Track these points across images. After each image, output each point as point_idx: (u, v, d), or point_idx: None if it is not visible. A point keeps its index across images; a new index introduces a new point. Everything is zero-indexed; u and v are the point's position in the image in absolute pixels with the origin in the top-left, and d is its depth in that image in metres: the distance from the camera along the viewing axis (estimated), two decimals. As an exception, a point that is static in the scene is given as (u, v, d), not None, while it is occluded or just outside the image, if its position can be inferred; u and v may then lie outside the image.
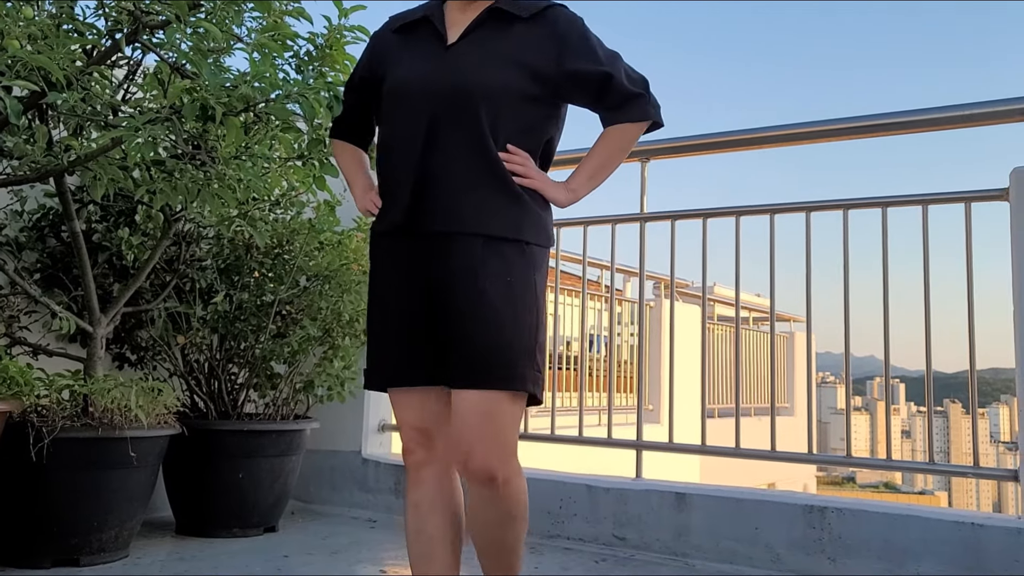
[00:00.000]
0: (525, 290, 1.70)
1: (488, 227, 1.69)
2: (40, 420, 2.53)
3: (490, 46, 1.77)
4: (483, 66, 1.74)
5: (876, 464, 3.00)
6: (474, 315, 1.66)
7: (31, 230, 3.14)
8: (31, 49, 2.27)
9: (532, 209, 1.75)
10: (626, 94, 1.78)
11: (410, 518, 1.81)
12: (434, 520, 1.79)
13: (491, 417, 1.67)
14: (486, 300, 1.66)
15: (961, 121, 2.79)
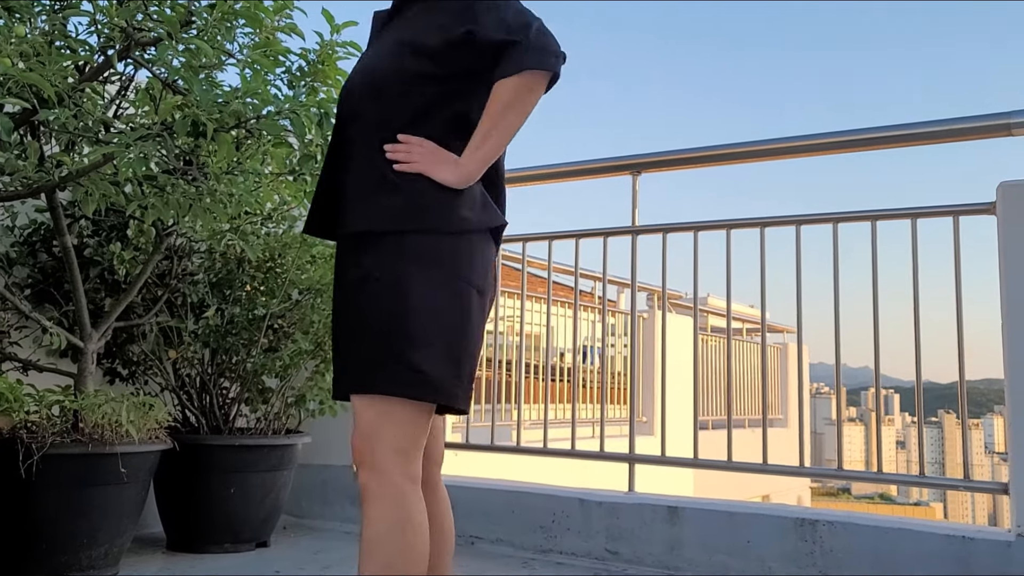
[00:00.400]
0: (393, 282, 1.56)
1: (362, 223, 1.62)
2: (30, 436, 2.52)
3: (389, 35, 1.75)
4: (376, 57, 1.72)
5: (868, 477, 3.01)
6: (336, 319, 1.65)
7: (22, 245, 3.14)
8: (23, 66, 2.28)
9: (413, 196, 1.60)
10: (496, 44, 1.60)
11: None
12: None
13: (357, 425, 1.57)
14: (342, 301, 1.64)
15: (948, 136, 2.81)
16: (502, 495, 3.25)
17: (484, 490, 3.27)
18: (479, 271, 1.63)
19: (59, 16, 2.55)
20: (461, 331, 1.58)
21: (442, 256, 1.59)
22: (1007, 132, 2.67)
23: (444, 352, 1.56)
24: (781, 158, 3.23)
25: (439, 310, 1.56)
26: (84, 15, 2.56)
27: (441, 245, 1.59)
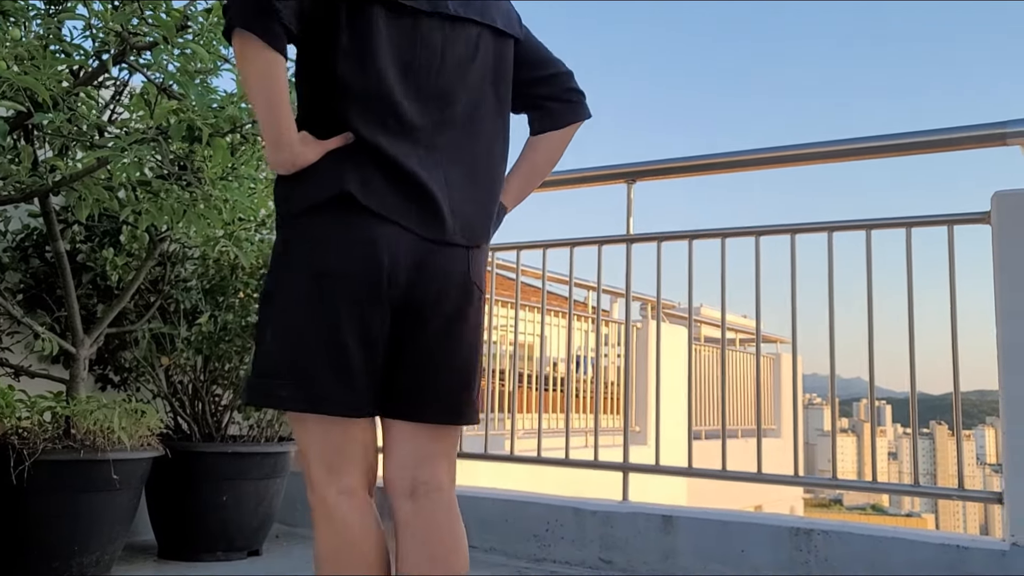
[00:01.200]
0: (267, 279, 1.53)
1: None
2: (21, 442, 2.50)
3: None
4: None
5: (862, 486, 3.01)
6: None
7: (15, 250, 3.13)
8: (18, 70, 2.27)
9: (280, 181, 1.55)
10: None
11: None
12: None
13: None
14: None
15: (943, 145, 2.82)
16: (496, 504, 3.24)
17: (478, 498, 3.25)
18: (316, 254, 1.47)
19: (54, 20, 2.54)
20: (293, 328, 1.47)
21: (275, 250, 1.54)
22: (1002, 142, 2.68)
23: (278, 357, 1.48)
24: (775, 167, 3.23)
25: (268, 312, 1.51)
26: (79, 19, 2.56)
27: (277, 239, 1.54)
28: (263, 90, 1.45)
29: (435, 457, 1.61)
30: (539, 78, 1.73)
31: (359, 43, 1.49)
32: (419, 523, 1.57)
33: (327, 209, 1.47)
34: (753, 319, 3.18)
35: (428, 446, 1.60)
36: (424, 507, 1.58)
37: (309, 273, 1.47)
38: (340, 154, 1.49)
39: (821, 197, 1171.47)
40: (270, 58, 1.42)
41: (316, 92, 1.54)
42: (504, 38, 1.66)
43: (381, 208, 1.46)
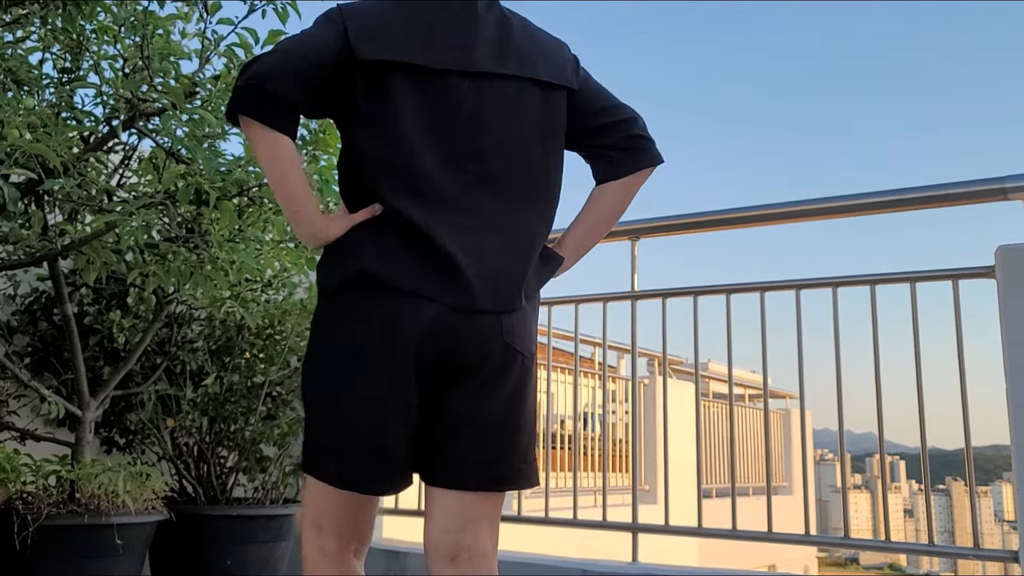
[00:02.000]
0: (309, 350, 1.61)
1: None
2: (25, 507, 2.48)
3: None
4: None
5: (876, 546, 2.95)
6: None
7: (23, 313, 3.15)
8: (30, 137, 2.32)
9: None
10: None
11: None
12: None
13: None
14: None
15: (943, 200, 2.83)
16: (502, 566, 3.16)
17: (485, 560, 3.20)
18: (345, 332, 1.51)
19: (66, 88, 2.61)
20: (324, 405, 1.52)
21: (313, 323, 1.59)
22: (1003, 196, 2.69)
23: (314, 429, 1.54)
24: (779, 223, 3.25)
25: (312, 386, 1.55)
26: (91, 87, 2.62)
27: (316, 311, 1.59)
28: (272, 170, 1.49)
29: (477, 522, 1.58)
30: (601, 127, 1.69)
31: (380, 112, 1.50)
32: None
33: (353, 286, 1.49)
34: (760, 374, 3.17)
35: (470, 510, 1.58)
36: (465, 572, 1.56)
37: (342, 351, 1.50)
38: (366, 227, 1.51)
39: (825, 251, 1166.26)
40: (272, 139, 1.46)
41: (346, 164, 1.57)
42: (553, 89, 1.62)
43: (402, 283, 1.47)
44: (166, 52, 2.59)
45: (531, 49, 1.62)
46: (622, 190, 1.71)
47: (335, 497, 1.54)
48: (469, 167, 1.54)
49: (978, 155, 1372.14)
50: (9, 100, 2.40)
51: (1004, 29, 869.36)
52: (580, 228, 1.76)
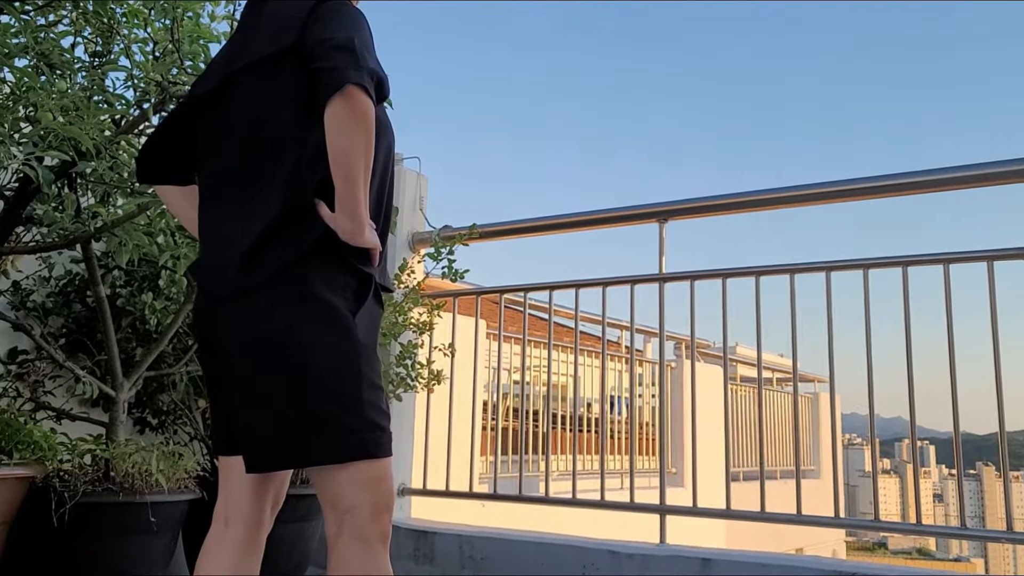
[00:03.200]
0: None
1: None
2: (62, 485, 2.53)
3: None
4: None
5: (905, 529, 2.93)
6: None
7: (57, 295, 3.20)
8: (63, 120, 2.34)
9: None
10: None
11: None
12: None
13: None
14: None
15: (977, 180, 2.78)
16: (531, 546, 3.20)
17: (513, 541, 3.22)
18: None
19: (98, 72, 2.62)
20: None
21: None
22: (1038, 177, 2.65)
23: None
24: (808, 204, 3.21)
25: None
26: (122, 70, 2.64)
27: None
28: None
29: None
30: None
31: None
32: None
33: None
34: (789, 357, 3.15)
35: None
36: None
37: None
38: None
39: (856, 232, 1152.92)
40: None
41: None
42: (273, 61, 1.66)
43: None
44: (195, 35, 2.60)
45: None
46: (328, 128, 1.52)
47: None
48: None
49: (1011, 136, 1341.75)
50: (43, 84, 2.42)
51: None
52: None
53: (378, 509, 1.56)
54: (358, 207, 1.53)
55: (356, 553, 1.52)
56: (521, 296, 3.79)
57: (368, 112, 1.50)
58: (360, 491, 1.54)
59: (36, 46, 2.47)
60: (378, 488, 1.56)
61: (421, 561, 3.44)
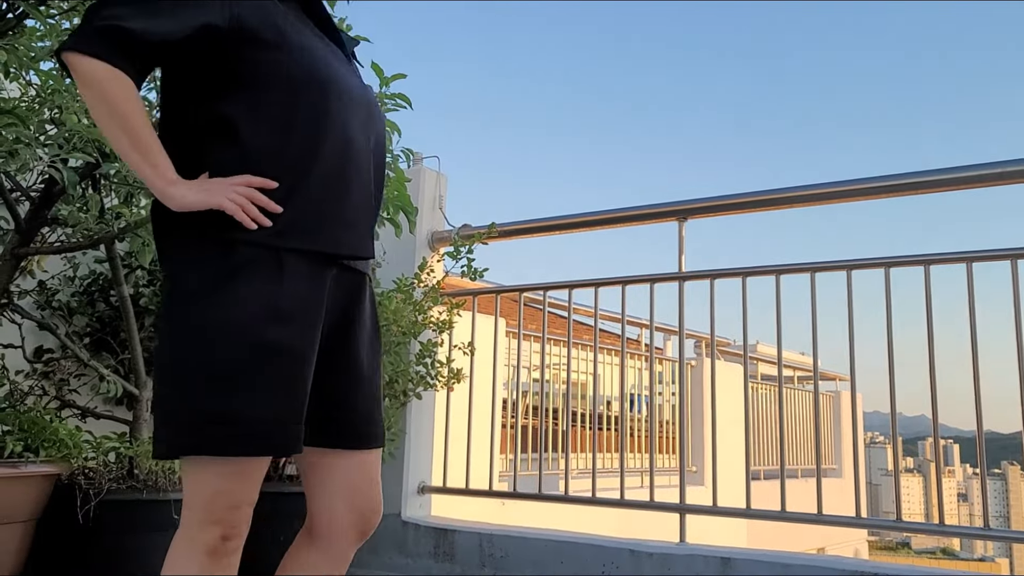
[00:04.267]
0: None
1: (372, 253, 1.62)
2: (87, 482, 2.57)
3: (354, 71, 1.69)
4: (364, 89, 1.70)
5: (928, 529, 2.91)
6: (373, 367, 1.63)
7: (82, 295, 3.24)
8: (87, 123, 2.37)
9: None
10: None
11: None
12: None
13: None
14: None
15: (1001, 179, 2.76)
16: (551, 544, 3.21)
17: (532, 539, 3.23)
18: None
19: (121, 74, 2.65)
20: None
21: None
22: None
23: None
24: (828, 203, 3.20)
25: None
26: (145, 73, 2.67)
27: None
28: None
29: None
30: None
31: None
32: None
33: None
34: (810, 356, 3.13)
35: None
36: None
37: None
38: None
39: (877, 231, 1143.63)
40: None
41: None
42: None
43: None
44: (217, 37, 2.63)
45: None
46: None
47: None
48: None
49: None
50: (67, 86, 2.45)
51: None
52: None
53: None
54: (139, 169, 1.38)
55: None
56: (540, 295, 3.79)
57: (87, 75, 1.35)
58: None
59: (61, 49, 2.50)
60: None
61: (441, 559, 3.45)
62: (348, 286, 1.57)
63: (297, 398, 1.42)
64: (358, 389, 1.58)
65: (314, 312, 1.45)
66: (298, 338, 1.41)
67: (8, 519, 2.38)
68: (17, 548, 2.44)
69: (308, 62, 1.49)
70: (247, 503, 1.48)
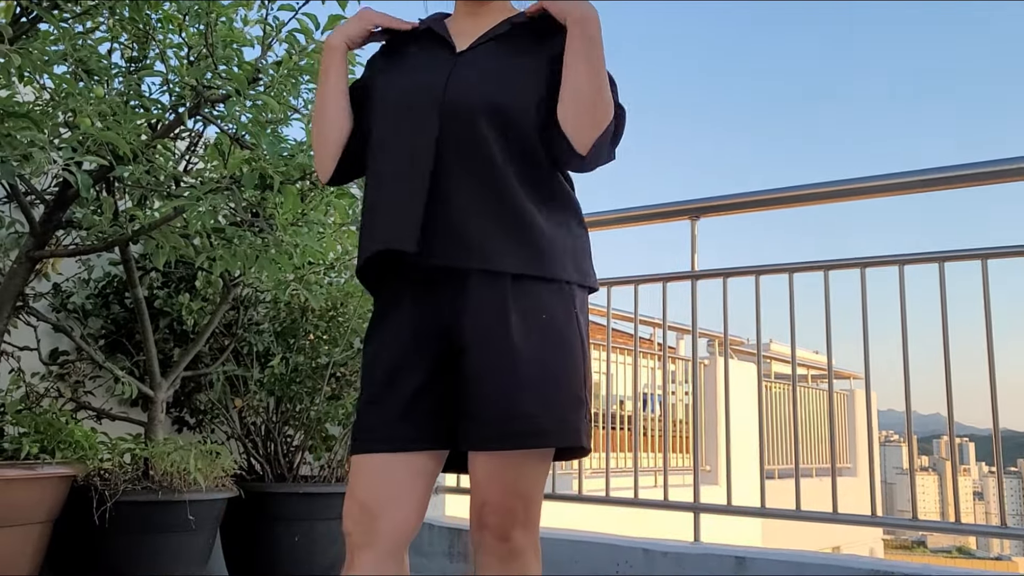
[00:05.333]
0: (569, 331, 1.54)
1: (533, 267, 1.50)
2: (103, 484, 2.58)
3: (509, 56, 1.59)
4: (501, 79, 1.56)
5: (944, 528, 2.90)
6: (528, 360, 1.47)
7: (96, 297, 3.25)
8: (101, 126, 2.38)
9: (577, 255, 1.59)
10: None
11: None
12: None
13: (510, 482, 1.53)
14: (540, 341, 1.49)
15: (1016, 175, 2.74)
16: (564, 544, 3.20)
17: (546, 539, 3.21)
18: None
19: (134, 77, 2.67)
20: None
21: (586, 311, 1.65)
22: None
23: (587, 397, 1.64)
24: (841, 200, 3.18)
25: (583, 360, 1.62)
26: (157, 75, 2.68)
27: (586, 300, 1.65)
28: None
29: None
30: None
31: None
32: None
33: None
34: (824, 354, 3.11)
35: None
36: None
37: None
38: None
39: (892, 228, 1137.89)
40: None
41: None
42: None
43: None
44: (229, 40, 2.64)
45: None
46: None
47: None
48: None
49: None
50: (81, 89, 2.47)
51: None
52: None
53: None
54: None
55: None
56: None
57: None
58: None
59: (74, 53, 2.52)
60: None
61: (456, 559, 3.45)
62: (436, 289, 1.54)
63: None
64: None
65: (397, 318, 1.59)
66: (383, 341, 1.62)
67: (25, 520, 2.39)
68: (34, 549, 2.45)
69: (382, 94, 1.63)
70: None
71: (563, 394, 1.50)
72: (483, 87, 1.54)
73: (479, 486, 1.52)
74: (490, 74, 1.56)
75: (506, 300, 1.48)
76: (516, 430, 1.46)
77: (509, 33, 1.61)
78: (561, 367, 1.51)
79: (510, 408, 1.45)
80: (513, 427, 1.46)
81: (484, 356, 1.48)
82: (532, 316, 1.49)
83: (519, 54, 1.59)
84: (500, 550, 1.53)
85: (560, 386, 1.50)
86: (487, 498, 1.51)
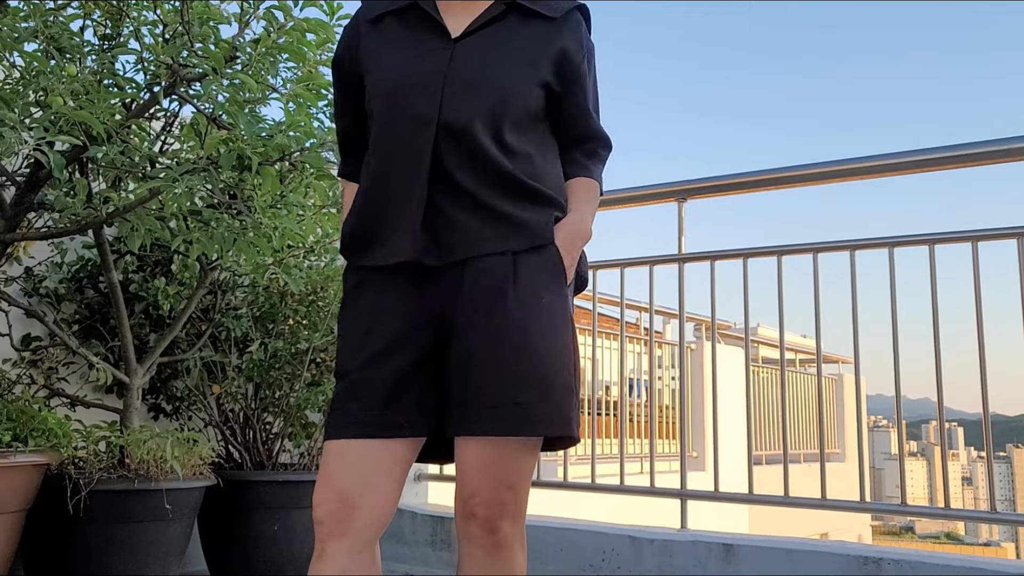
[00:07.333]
0: (563, 316, 1.49)
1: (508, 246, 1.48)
2: (77, 472, 2.53)
3: (508, 44, 1.54)
4: (503, 70, 1.51)
5: (933, 513, 2.87)
6: (523, 345, 1.43)
7: (70, 281, 3.18)
8: (73, 105, 2.31)
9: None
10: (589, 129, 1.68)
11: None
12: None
13: (500, 472, 1.46)
14: (539, 326, 1.46)
15: (1005, 156, 2.70)
16: (550, 532, 3.17)
17: (531, 527, 3.19)
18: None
19: (108, 55, 2.60)
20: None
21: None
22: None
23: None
24: (830, 182, 3.14)
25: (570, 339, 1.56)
26: (132, 53, 2.61)
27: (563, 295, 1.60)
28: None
29: None
30: None
31: None
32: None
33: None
34: (813, 338, 3.08)
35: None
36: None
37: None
38: None
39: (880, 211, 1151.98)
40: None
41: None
42: None
43: None
44: (205, 17, 2.57)
45: None
46: None
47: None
48: None
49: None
50: (52, 68, 2.40)
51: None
52: None
53: None
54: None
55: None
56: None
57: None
58: None
59: (45, 30, 2.45)
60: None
61: (439, 547, 3.41)
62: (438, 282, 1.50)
63: None
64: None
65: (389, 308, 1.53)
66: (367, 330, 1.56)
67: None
68: (7, 539, 2.40)
69: (378, 81, 1.55)
70: None
71: (559, 382, 1.45)
72: (485, 81, 1.49)
73: (468, 475, 1.46)
74: (492, 67, 1.51)
75: (504, 282, 1.45)
76: (513, 416, 1.41)
77: (504, 14, 1.56)
78: (556, 354, 1.46)
79: (507, 394, 1.41)
80: (510, 413, 1.41)
81: (478, 340, 1.43)
82: (531, 295, 1.46)
83: (520, 39, 1.54)
84: (487, 541, 1.46)
85: (556, 373, 1.45)
86: (477, 488, 1.45)
